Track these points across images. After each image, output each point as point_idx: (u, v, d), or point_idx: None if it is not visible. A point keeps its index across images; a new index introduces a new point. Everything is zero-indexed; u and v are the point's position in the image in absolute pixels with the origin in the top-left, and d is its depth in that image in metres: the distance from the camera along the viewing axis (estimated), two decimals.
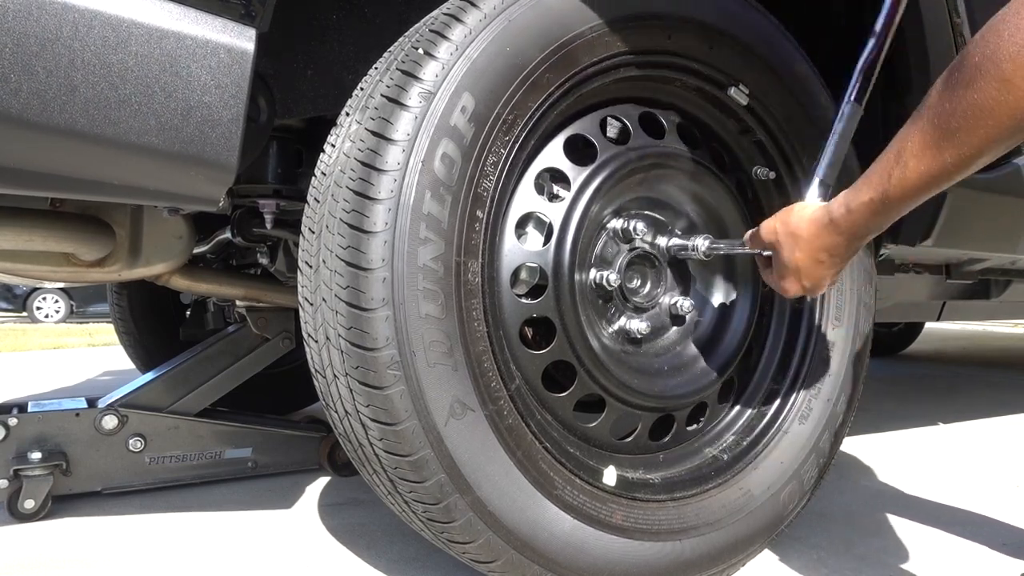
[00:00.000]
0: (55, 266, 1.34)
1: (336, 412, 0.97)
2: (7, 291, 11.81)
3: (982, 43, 0.70)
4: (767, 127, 1.23)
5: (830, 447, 1.28)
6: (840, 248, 0.91)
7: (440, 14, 0.97)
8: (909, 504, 1.58)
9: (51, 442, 1.53)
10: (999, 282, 2.16)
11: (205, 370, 1.77)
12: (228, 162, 0.90)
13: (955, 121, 0.73)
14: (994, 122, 0.71)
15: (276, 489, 1.69)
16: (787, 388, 1.27)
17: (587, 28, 1.00)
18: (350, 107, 0.98)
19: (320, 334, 0.94)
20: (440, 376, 0.90)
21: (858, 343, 1.32)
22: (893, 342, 4.76)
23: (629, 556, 1.03)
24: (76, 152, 0.83)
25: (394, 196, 0.88)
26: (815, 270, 0.94)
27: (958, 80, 0.73)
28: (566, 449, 1.05)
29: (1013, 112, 0.69)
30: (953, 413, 2.69)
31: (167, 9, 0.83)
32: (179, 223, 1.44)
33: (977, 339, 6.23)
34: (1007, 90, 0.68)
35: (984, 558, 1.27)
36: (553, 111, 1.02)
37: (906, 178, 0.79)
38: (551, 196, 1.07)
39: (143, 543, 1.34)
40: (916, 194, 0.80)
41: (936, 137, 0.75)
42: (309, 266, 0.96)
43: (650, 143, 1.13)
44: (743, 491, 1.17)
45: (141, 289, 2.34)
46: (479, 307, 0.94)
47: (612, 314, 1.14)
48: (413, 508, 0.95)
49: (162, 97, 0.84)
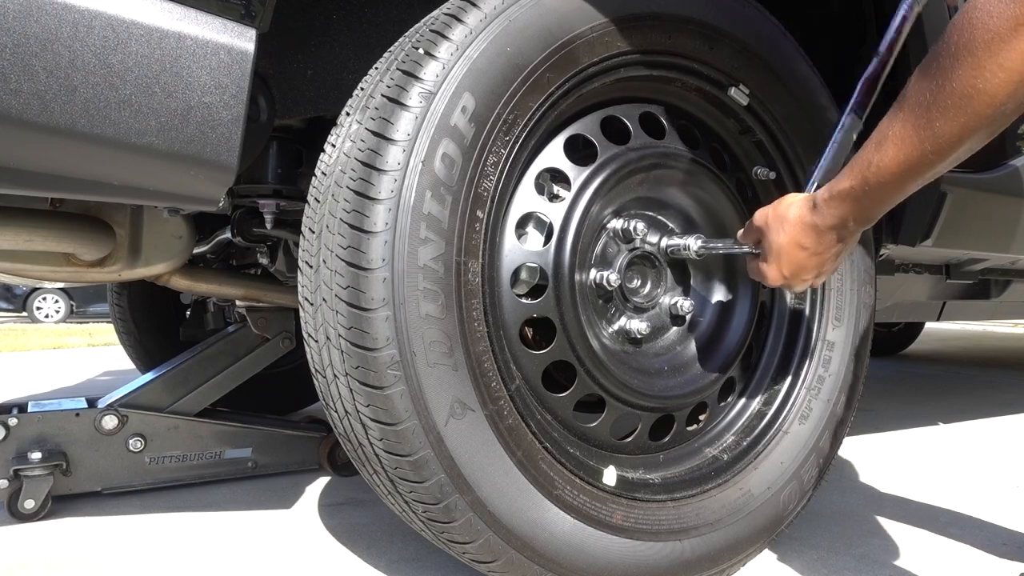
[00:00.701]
0: (55, 266, 1.34)
1: (336, 412, 0.97)
2: (7, 291, 11.81)
3: (956, 31, 0.70)
4: (767, 127, 1.23)
5: (830, 447, 1.28)
6: (823, 237, 0.90)
7: (440, 14, 0.97)
8: (909, 504, 1.58)
9: (51, 442, 1.53)
10: (999, 282, 2.16)
11: (205, 370, 1.77)
12: (228, 162, 0.90)
13: (934, 110, 0.73)
14: (972, 111, 0.70)
15: (276, 489, 1.69)
16: (787, 388, 1.27)
17: (588, 28, 1.00)
18: (350, 107, 0.98)
19: (320, 334, 0.94)
20: (440, 376, 0.90)
21: (858, 343, 1.32)
22: (893, 342, 4.76)
23: (629, 556, 1.03)
24: (76, 152, 0.83)
25: (394, 196, 0.88)
26: (796, 255, 0.93)
27: (936, 68, 0.72)
28: (566, 449, 1.05)
29: (991, 100, 0.69)
30: (953, 413, 2.69)
31: (167, 9, 0.83)
32: (179, 223, 1.44)
33: (977, 339, 6.23)
34: (983, 78, 0.68)
35: (984, 558, 1.27)
36: (553, 111, 1.02)
37: (884, 165, 0.79)
38: (551, 196, 1.07)
39: (143, 543, 1.34)
40: (895, 182, 0.80)
41: (916, 125, 0.75)
42: (309, 266, 0.96)
43: (650, 143, 1.13)
44: (743, 491, 1.17)
45: (141, 289, 2.34)
46: (479, 307, 0.94)
47: (612, 314, 1.14)
48: (413, 508, 0.95)
49: (162, 97, 0.84)
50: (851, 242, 0.94)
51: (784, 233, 0.93)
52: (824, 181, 1.02)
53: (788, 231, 0.93)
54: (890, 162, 0.79)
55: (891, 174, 0.79)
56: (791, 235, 0.92)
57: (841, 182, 0.86)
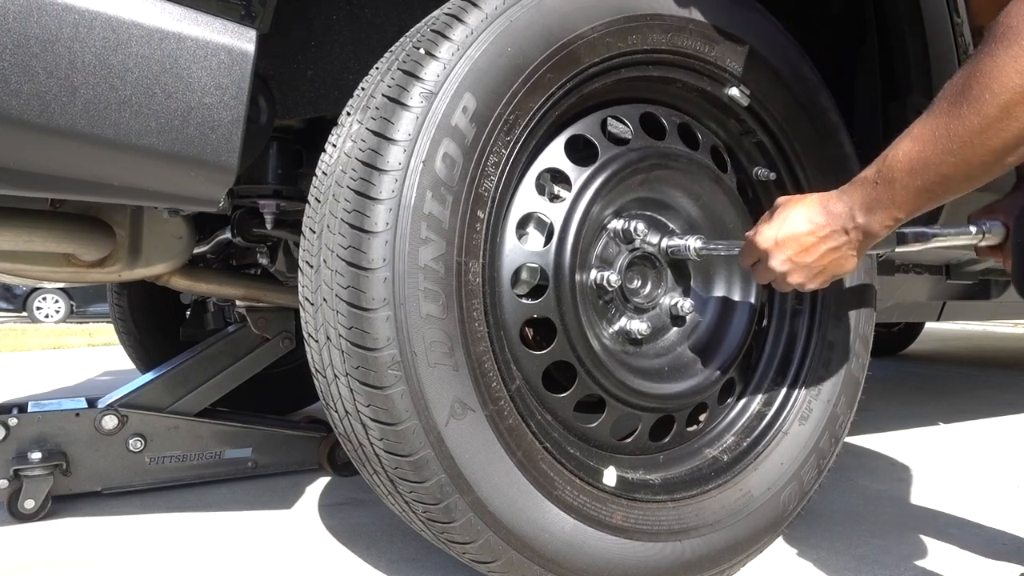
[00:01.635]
0: (55, 266, 1.34)
1: (336, 412, 0.97)
2: (7, 291, 11.81)
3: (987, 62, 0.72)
4: (768, 128, 1.23)
5: (830, 448, 1.28)
6: (829, 220, 0.90)
7: (441, 14, 0.97)
8: (909, 504, 1.58)
9: (51, 442, 1.53)
10: (999, 282, 2.16)
11: (205, 370, 1.77)
12: (228, 163, 0.90)
13: (953, 141, 0.75)
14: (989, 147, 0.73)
15: (276, 489, 1.69)
16: (787, 389, 1.27)
17: (588, 28, 1.00)
18: (351, 107, 0.98)
19: (321, 334, 0.94)
20: (441, 376, 0.90)
21: (858, 343, 1.32)
22: (893, 342, 4.76)
23: (629, 557, 1.03)
24: (76, 153, 0.83)
25: (395, 196, 0.87)
26: (800, 238, 0.91)
27: (963, 98, 0.74)
28: (566, 449, 1.05)
29: (1006, 142, 0.72)
30: (953, 413, 2.69)
31: (167, 10, 0.83)
32: (179, 223, 1.44)
33: (977, 339, 6.23)
34: (1008, 117, 0.71)
35: (984, 558, 1.27)
36: (554, 111, 1.02)
37: (895, 157, 0.81)
38: (552, 196, 1.07)
39: (143, 543, 1.34)
40: (902, 178, 0.81)
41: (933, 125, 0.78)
42: (310, 266, 0.96)
43: (651, 143, 1.13)
44: (743, 492, 1.17)
45: (141, 289, 2.34)
46: (480, 307, 0.94)
47: (612, 315, 1.14)
48: (413, 508, 0.95)
49: (162, 98, 0.84)
50: (852, 247, 0.92)
51: (801, 205, 0.93)
52: None
53: (805, 204, 0.93)
54: (902, 155, 0.80)
55: (900, 167, 0.80)
56: (806, 207, 0.92)
57: (863, 171, 0.87)
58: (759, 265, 0.98)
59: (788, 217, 0.93)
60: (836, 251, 0.92)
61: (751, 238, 0.97)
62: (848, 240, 0.91)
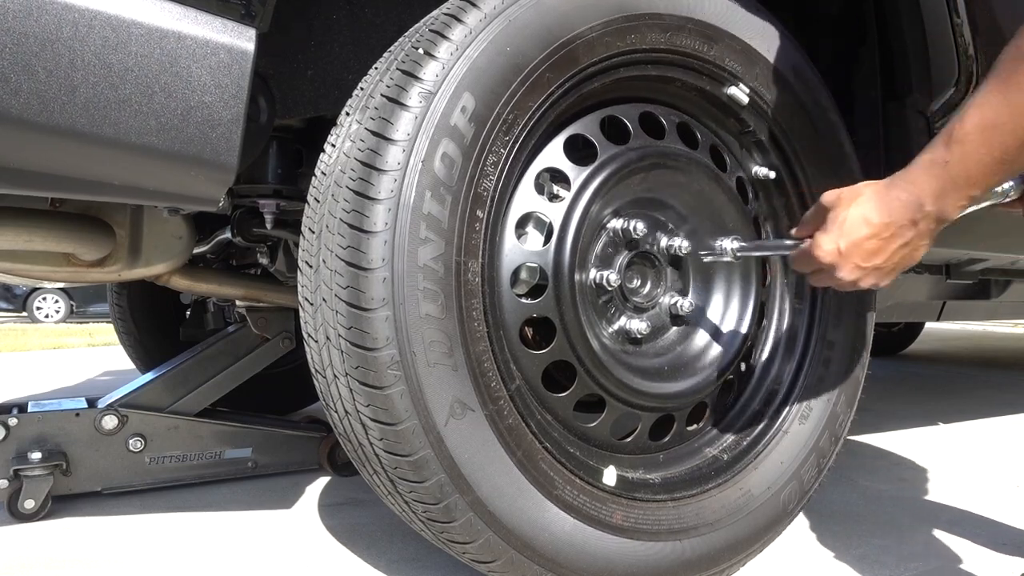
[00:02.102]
0: (55, 266, 1.34)
1: (336, 412, 0.97)
2: (7, 291, 11.81)
3: None
4: (767, 127, 1.23)
5: (830, 447, 1.28)
6: (894, 214, 0.83)
7: (440, 14, 0.97)
8: (909, 504, 1.58)
9: (51, 442, 1.53)
10: (999, 282, 2.16)
11: (205, 370, 1.77)
12: (228, 162, 0.90)
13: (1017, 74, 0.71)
14: None
15: (276, 489, 1.69)
16: (787, 388, 1.27)
17: (587, 28, 1.00)
18: (350, 107, 0.98)
19: (320, 334, 0.94)
20: (440, 376, 0.90)
21: (859, 343, 1.32)
22: (893, 342, 4.76)
23: (629, 556, 1.03)
24: (76, 152, 0.83)
25: (394, 196, 0.88)
26: (859, 230, 0.85)
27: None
28: (566, 449, 1.05)
29: None
30: (953, 413, 2.69)
31: (167, 9, 0.83)
32: (179, 223, 1.44)
33: (977, 339, 6.23)
34: None
35: (984, 558, 1.27)
36: (553, 111, 1.02)
37: (963, 128, 0.76)
38: (551, 196, 1.07)
39: (143, 543, 1.34)
40: (975, 148, 0.75)
41: (999, 88, 0.74)
42: (309, 266, 0.96)
43: (650, 143, 1.13)
44: (743, 491, 1.17)
45: (141, 289, 2.34)
46: (479, 307, 0.94)
47: (612, 314, 1.14)
48: (413, 508, 0.95)
49: (162, 97, 0.84)
50: (923, 237, 0.86)
51: (855, 205, 0.86)
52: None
53: (860, 203, 0.86)
54: (970, 126, 0.75)
55: (971, 140, 0.75)
56: (862, 207, 0.85)
57: (922, 155, 0.81)
58: (821, 274, 0.92)
59: (846, 222, 0.86)
60: (906, 246, 0.86)
61: (809, 250, 0.90)
62: (917, 232, 0.85)
